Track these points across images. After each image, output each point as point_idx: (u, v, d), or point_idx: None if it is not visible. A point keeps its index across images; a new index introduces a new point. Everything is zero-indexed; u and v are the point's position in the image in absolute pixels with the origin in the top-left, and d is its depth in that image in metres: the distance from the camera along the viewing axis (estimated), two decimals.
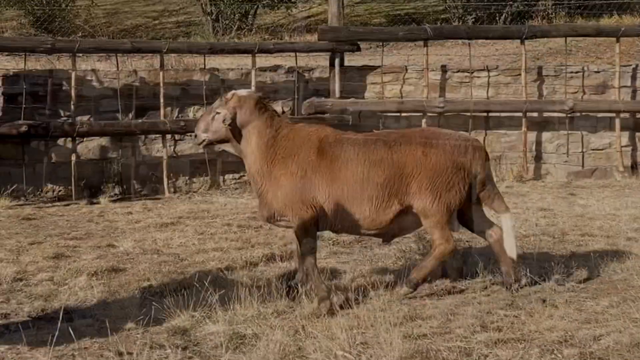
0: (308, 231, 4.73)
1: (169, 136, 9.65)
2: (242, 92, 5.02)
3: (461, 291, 5.04)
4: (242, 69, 10.24)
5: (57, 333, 4.18)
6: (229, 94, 4.96)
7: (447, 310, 4.63)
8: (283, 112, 10.20)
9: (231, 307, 4.65)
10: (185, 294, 4.99)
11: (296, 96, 10.10)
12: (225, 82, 10.00)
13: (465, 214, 4.98)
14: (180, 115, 9.84)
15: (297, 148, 4.79)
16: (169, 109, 9.74)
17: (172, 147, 9.80)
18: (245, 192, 9.48)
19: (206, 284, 5.14)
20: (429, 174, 4.75)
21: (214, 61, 10.78)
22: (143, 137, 9.67)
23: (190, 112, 9.87)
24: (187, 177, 9.79)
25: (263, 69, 10.16)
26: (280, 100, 10.20)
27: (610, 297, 4.78)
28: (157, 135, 9.62)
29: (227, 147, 4.99)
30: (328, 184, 4.72)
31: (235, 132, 4.86)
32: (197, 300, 4.85)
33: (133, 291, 4.99)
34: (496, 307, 4.66)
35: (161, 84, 9.53)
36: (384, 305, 4.66)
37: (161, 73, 9.52)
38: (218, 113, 4.89)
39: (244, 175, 9.89)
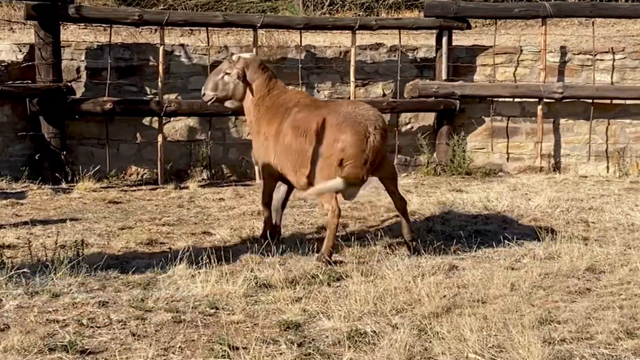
0: (269, 181, 6.07)
1: None
2: (247, 55, 6.31)
3: (598, 294, 4.94)
4: (340, 46, 10.25)
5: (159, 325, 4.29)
6: (235, 57, 6.16)
7: (584, 313, 4.56)
8: (384, 94, 10.18)
9: (346, 302, 4.68)
10: (294, 286, 5.04)
11: (399, 77, 10.05)
12: (321, 61, 10.04)
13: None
14: None
15: (277, 109, 5.95)
16: None
17: None
18: None
19: (317, 275, 5.21)
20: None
21: (306, 38, 10.82)
22: (234, 118, 9.79)
23: None
24: None
25: (363, 47, 10.16)
26: (381, 82, 10.17)
27: None
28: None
29: (229, 104, 6.27)
30: (275, 148, 5.86)
31: (239, 89, 6.10)
32: (309, 292, 4.93)
33: (237, 281, 5.05)
34: (639, 312, 4.55)
35: None
36: (513, 306, 4.63)
37: (254, 49, 9.61)
38: (227, 73, 6.10)
39: None
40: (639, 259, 5.50)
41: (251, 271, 5.33)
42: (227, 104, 6.29)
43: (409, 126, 10.30)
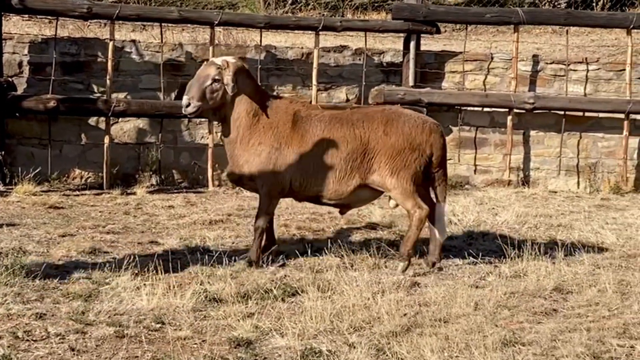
0: (272, 198, 5.94)
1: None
2: (232, 59, 5.95)
3: (564, 315, 5.02)
4: (302, 47, 10.29)
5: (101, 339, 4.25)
6: (219, 61, 5.88)
7: (550, 335, 4.62)
8: (347, 99, 10.23)
9: (301, 319, 4.70)
10: (246, 300, 5.04)
11: (364, 82, 10.11)
12: (282, 62, 10.06)
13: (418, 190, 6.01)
14: None
15: (277, 119, 5.90)
16: None
17: (219, 134, 9.84)
18: None
19: (271, 290, 5.22)
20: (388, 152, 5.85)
21: (267, 38, 10.84)
22: (186, 120, 9.77)
23: None
24: None
25: (327, 49, 10.21)
26: (345, 86, 10.22)
27: None
28: (203, 120, 9.71)
29: (213, 115, 6.02)
30: (297, 156, 5.83)
31: (229, 98, 5.87)
32: (261, 308, 4.93)
33: (185, 295, 5.03)
34: (608, 335, 4.63)
35: None
36: (476, 327, 4.68)
37: (211, 48, 9.60)
38: (217, 80, 5.80)
39: None
40: (608, 280, 5.59)
41: (201, 284, 5.32)
42: (211, 115, 6.05)
43: None
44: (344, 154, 5.85)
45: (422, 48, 10.47)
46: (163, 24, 9.83)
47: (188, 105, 5.84)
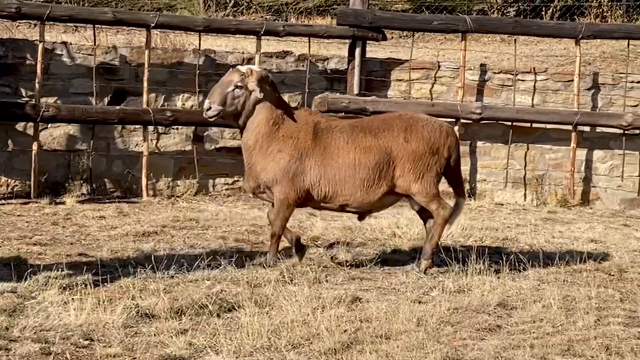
0: (289, 206, 6.27)
1: (151, 128, 9.69)
2: (257, 67, 6.52)
3: (508, 331, 5.10)
4: (243, 52, 10.30)
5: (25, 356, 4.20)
6: (244, 68, 6.30)
7: (493, 352, 4.69)
8: None
9: (237, 335, 4.70)
10: (180, 316, 5.03)
11: (307, 89, 10.15)
12: (221, 67, 10.04)
13: None
14: (166, 103, 9.88)
15: (297, 130, 6.24)
16: (153, 95, 9.78)
17: (155, 142, 9.84)
18: (240, 201, 9.52)
19: (206, 305, 5.21)
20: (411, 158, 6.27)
21: (206, 42, 10.83)
22: (120, 127, 9.70)
23: (179, 101, 9.91)
24: (170, 179, 9.83)
25: (269, 55, 10.23)
26: (287, 93, 10.24)
27: None
28: (137, 127, 9.66)
29: (234, 120, 6.37)
30: (321, 168, 6.20)
31: (249, 105, 6.23)
32: (196, 324, 4.92)
33: (116, 310, 5.00)
34: (552, 352, 4.72)
35: (146, 65, 9.57)
36: (418, 343, 4.73)
37: (147, 52, 9.56)
38: (239, 87, 6.17)
39: (238, 180, 9.95)
40: (553, 295, 5.69)
41: (132, 299, 5.29)
42: (232, 120, 6.39)
43: None
44: (371, 164, 6.24)
45: (368, 55, 10.55)
46: (96, 26, 9.73)
47: (209, 108, 6.24)
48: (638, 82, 10.78)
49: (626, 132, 10.43)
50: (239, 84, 6.21)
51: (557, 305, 5.55)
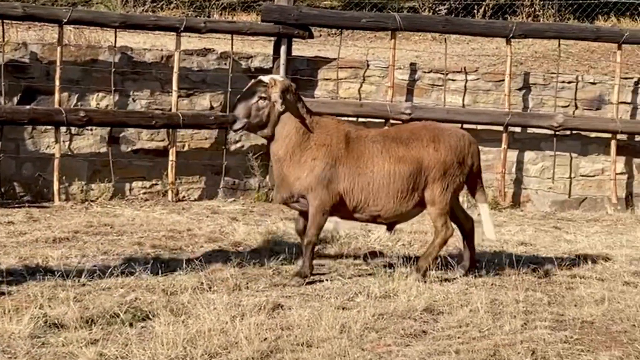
0: (324, 213, 6.40)
1: (63, 129, 9.55)
2: (279, 77, 6.72)
3: (434, 337, 5.15)
4: (162, 49, 10.23)
5: None
6: (266, 79, 6.41)
7: (418, 359, 4.74)
8: (211, 107, 10.22)
9: (151, 345, 4.66)
10: (91, 326, 4.97)
11: (230, 89, 10.12)
12: (139, 65, 9.97)
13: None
14: (80, 103, 9.75)
15: (329, 138, 6.41)
16: (65, 94, 9.65)
17: (67, 143, 9.70)
18: (158, 205, 9.45)
19: (118, 314, 5.15)
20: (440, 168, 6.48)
21: (123, 39, 10.74)
22: (30, 128, 9.55)
23: (93, 100, 9.80)
24: (83, 182, 9.71)
25: (189, 52, 10.18)
26: (209, 93, 10.21)
27: (611, 351, 4.98)
28: (49, 127, 9.52)
29: (260, 132, 6.46)
30: (355, 177, 6.38)
31: (274, 115, 6.34)
32: (107, 334, 4.86)
33: (22, 320, 4.91)
34: (477, 357, 4.79)
35: (58, 63, 9.44)
36: (341, 351, 4.75)
37: (59, 49, 9.42)
38: (263, 98, 6.29)
39: (156, 184, 9.88)
40: (480, 299, 5.77)
41: (40, 308, 5.21)
42: (258, 131, 6.46)
43: (239, 144, 10.37)
44: (405, 174, 6.43)
45: (294, 53, 10.58)
46: (5, 21, 9.56)
47: (234, 121, 6.39)
48: (569, 82, 11.02)
49: (557, 133, 10.65)
50: (263, 95, 6.31)
51: (485, 310, 5.63)
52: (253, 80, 6.56)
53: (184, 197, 10.04)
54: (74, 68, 9.71)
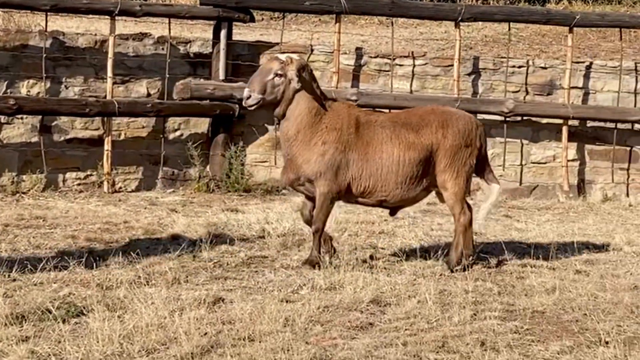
0: (332, 199, 6.53)
1: None
2: (296, 56, 6.76)
3: (381, 329, 5.19)
4: (95, 34, 10.13)
5: None
6: (283, 56, 6.56)
7: (364, 352, 4.76)
8: (149, 94, 10.15)
9: (85, 342, 4.64)
10: (22, 322, 4.93)
11: (167, 75, 10.07)
12: (71, 51, 9.86)
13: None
14: (9, 90, 9.62)
15: (340, 122, 6.54)
16: None
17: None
18: (93, 197, 9.38)
19: (50, 310, 5.10)
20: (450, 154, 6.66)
21: (55, 23, 10.62)
22: None
23: (24, 87, 9.67)
24: (14, 174, 9.59)
25: (124, 37, 10.10)
26: (146, 79, 10.14)
27: (561, 341, 5.06)
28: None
29: (274, 109, 6.56)
30: (364, 162, 6.52)
31: (289, 93, 6.47)
32: (39, 330, 4.81)
33: None
34: (425, 349, 4.82)
35: None
36: (284, 345, 4.76)
37: None
38: (279, 75, 6.41)
39: (91, 175, 9.80)
40: (428, 290, 5.82)
41: None
42: (271, 109, 6.58)
43: (178, 133, 10.32)
44: (415, 161, 6.58)
45: (235, 38, 10.55)
46: None
47: (249, 97, 6.45)
48: (520, 67, 11.15)
49: (507, 119, 10.77)
50: (279, 72, 6.43)
51: (433, 301, 5.68)
52: (269, 57, 6.66)
53: (120, 188, 9.97)
54: (2, 54, 9.58)
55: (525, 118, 11.00)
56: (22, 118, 9.62)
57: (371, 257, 6.86)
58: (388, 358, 4.67)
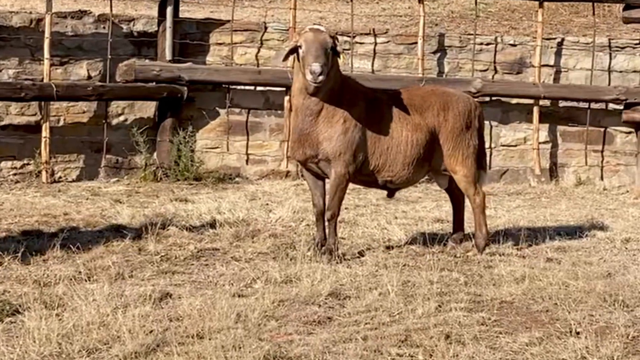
0: (347, 180, 6.68)
1: None
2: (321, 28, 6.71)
3: (340, 323, 5.20)
4: (31, 12, 10.04)
5: None
6: (322, 29, 6.58)
7: (322, 347, 4.76)
8: (89, 77, 10.09)
9: (20, 342, 4.63)
10: None
11: (110, 56, 10.01)
12: (5, 30, 9.77)
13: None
14: None
15: (355, 100, 6.67)
16: None
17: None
18: (31, 187, 9.32)
19: None
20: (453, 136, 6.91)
21: None
22: None
23: None
24: None
25: (62, 15, 10.04)
26: (86, 60, 10.07)
27: (530, 332, 5.10)
28: None
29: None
30: (375, 139, 6.69)
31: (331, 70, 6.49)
32: None
33: None
34: (387, 343, 4.84)
35: None
36: (236, 342, 4.75)
37: None
38: (333, 48, 6.45)
39: (28, 164, 9.74)
40: (391, 281, 5.85)
41: None
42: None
43: (122, 118, 10.29)
44: (421, 142, 6.80)
45: (182, 15, 10.51)
46: None
47: (321, 72, 6.32)
48: (488, 44, 11.22)
49: (475, 99, 10.80)
50: (331, 45, 6.48)
51: (396, 292, 5.70)
52: (309, 29, 6.57)
53: (60, 177, 9.92)
54: None
55: (494, 98, 11.07)
56: None
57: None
58: (347, 354, 4.68)
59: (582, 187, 10.88)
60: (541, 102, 11.06)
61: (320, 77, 6.35)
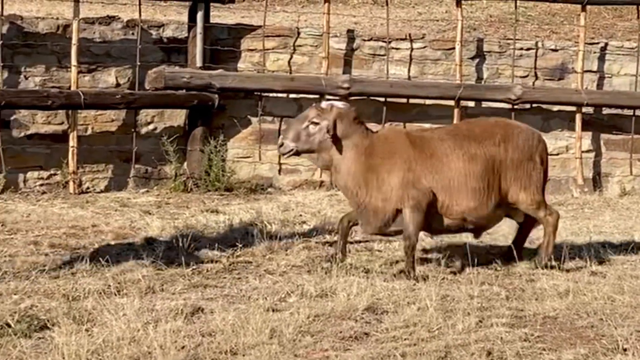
0: (420, 211, 6.66)
1: None
2: (340, 104, 6.94)
3: (377, 339, 5.19)
4: (58, 18, 10.11)
5: None
6: (324, 104, 6.80)
7: None
8: (118, 84, 10.14)
9: (49, 358, 4.67)
10: None
11: (139, 62, 10.06)
12: (31, 37, 9.84)
13: None
14: None
15: (395, 147, 6.76)
16: None
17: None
18: (58, 198, 9.37)
19: (10, 325, 5.10)
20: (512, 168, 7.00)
21: (12, 6, 10.63)
22: None
23: None
24: None
25: (90, 21, 10.09)
26: (114, 67, 10.13)
27: (575, 349, 5.08)
28: None
29: (314, 158, 6.86)
30: (433, 173, 6.76)
31: (327, 143, 6.66)
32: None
33: None
34: None
35: None
36: (271, 358, 4.79)
37: None
38: (315, 123, 6.65)
39: (55, 174, 9.80)
40: (429, 296, 5.84)
41: None
42: (313, 157, 6.85)
43: (151, 127, 10.33)
44: (479, 172, 6.85)
45: (213, 21, 10.55)
46: None
47: (281, 145, 6.78)
48: (528, 49, 11.18)
49: (515, 106, 10.79)
50: (315, 120, 6.66)
51: (434, 307, 5.69)
52: (312, 105, 6.88)
53: (88, 188, 9.97)
54: None
55: (534, 105, 11.02)
56: None
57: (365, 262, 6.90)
58: None
59: (627, 198, 10.81)
60: (584, 109, 10.99)
61: (281, 149, 6.81)
